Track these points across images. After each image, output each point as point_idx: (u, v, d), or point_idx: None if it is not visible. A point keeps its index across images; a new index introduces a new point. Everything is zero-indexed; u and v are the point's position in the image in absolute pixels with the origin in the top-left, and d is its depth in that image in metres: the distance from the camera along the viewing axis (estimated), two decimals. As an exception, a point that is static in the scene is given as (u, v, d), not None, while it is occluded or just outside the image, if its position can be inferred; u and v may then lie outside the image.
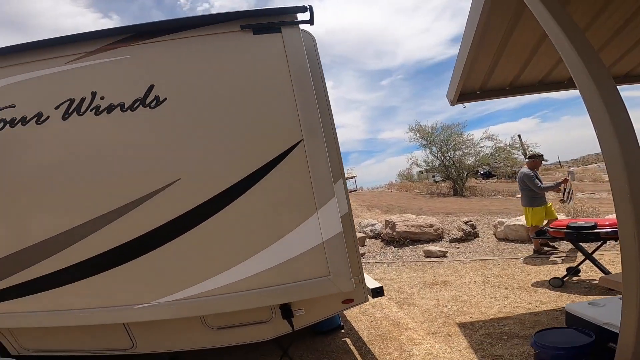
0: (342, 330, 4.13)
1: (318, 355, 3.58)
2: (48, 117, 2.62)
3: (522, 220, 7.11)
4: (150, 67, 2.74)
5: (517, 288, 4.71)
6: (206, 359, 3.53)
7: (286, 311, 2.92)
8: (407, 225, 7.79)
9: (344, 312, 4.36)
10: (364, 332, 4.02)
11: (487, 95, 4.48)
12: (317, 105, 2.71)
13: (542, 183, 5.82)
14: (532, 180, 5.70)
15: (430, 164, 19.11)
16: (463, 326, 3.75)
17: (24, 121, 2.61)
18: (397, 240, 7.65)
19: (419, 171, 27.68)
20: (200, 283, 2.60)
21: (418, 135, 18.31)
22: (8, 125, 2.62)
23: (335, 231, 2.59)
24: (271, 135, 2.67)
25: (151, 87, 2.65)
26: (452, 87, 4.18)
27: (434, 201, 14.15)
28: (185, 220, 2.59)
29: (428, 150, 18.37)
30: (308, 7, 2.72)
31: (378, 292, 3.17)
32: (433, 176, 25.54)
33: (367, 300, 3.16)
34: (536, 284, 4.76)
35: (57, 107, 2.62)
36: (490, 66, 3.84)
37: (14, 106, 2.65)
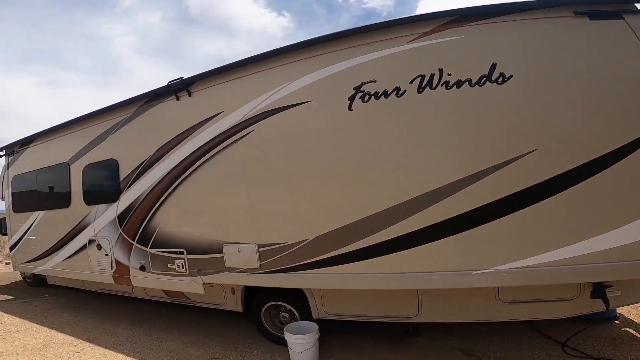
0: (617, 322, 3.91)
1: (595, 341, 3.51)
2: (405, 90, 3.05)
3: None
4: (487, 47, 2.90)
5: None
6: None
7: (599, 290, 2.86)
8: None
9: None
10: (653, 325, 3.72)
11: None
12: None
13: None
14: None
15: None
16: None
17: (385, 94, 3.11)
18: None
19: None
20: (546, 253, 2.68)
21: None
22: (373, 97, 3.14)
23: None
24: (630, 117, 2.58)
25: (494, 65, 2.84)
26: None
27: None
28: (540, 189, 2.70)
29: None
30: None
31: None
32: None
33: None
34: None
35: (411, 82, 3.03)
36: None
37: (375, 81, 3.15)
